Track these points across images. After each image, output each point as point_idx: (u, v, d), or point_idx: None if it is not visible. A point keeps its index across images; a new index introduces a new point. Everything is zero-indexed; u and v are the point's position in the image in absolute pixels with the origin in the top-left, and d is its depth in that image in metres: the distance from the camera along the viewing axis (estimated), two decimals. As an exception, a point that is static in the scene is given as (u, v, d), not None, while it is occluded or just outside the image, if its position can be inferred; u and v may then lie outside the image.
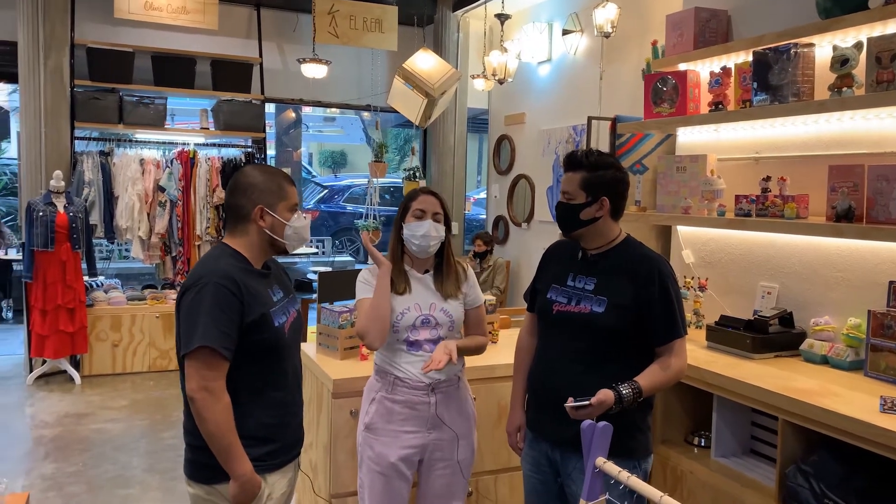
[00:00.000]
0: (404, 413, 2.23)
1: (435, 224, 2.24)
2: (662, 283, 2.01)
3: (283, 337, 1.86)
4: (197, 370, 1.70)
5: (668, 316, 2.01)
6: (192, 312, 1.72)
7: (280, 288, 1.95)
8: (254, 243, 1.87)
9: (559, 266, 2.18)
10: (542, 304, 2.17)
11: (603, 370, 2.00)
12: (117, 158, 6.02)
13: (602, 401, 1.87)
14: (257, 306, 1.79)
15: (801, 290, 2.94)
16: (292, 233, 1.90)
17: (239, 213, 1.87)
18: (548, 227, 6.08)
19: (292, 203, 1.91)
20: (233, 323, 1.73)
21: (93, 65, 5.92)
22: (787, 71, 2.67)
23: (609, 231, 2.09)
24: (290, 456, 1.91)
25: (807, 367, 2.67)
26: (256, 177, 1.87)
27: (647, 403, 2.08)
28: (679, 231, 3.55)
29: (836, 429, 2.13)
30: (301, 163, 12.56)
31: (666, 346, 2.02)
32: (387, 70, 7.04)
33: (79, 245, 5.42)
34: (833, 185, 2.55)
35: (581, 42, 5.65)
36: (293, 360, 1.94)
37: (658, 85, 3.29)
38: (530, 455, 2.18)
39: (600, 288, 2.05)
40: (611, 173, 2.05)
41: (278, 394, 1.87)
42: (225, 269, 1.77)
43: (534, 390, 2.18)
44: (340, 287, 2.85)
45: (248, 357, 1.78)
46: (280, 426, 1.87)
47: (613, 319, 2.00)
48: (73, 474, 3.83)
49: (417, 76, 4.82)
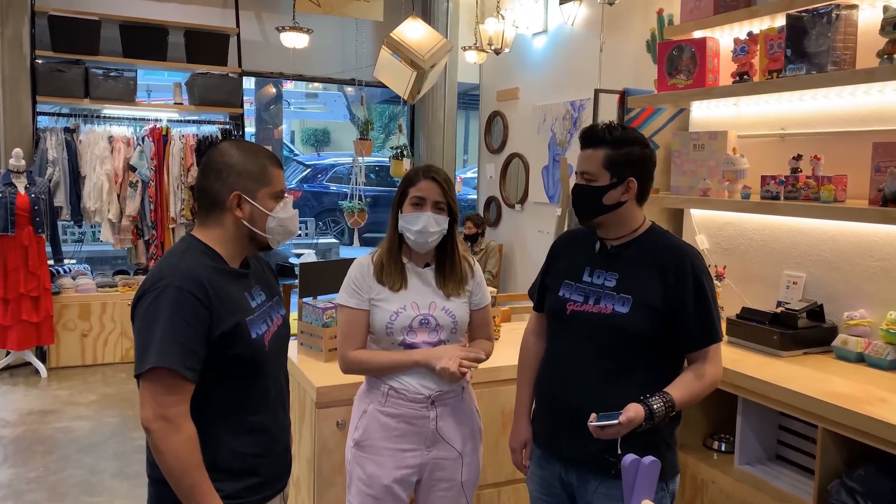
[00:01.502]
0: (400, 428, 1.94)
1: (435, 216, 1.92)
2: (697, 278, 1.73)
3: (261, 350, 1.54)
4: (152, 395, 1.39)
5: (703, 317, 1.74)
6: (148, 324, 1.41)
7: (262, 290, 1.64)
8: (229, 237, 1.55)
9: (573, 259, 1.88)
10: (553, 303, 1.87)
11: (625, 379, 1.73)
12: (83, 135, 5.63)
13: (632, 418, 1.60)
14: (230, 314, 1.47)
15: (831, 281, 2.68)
16: (276, 225, 1.58)
17: (212, 199, 1.54)
18: (543, 209, 5.79)
19: (277, 189, 1.58)
20: (197, 336, 1.42)
21: (56, 34, 5.50)
22: (826, 36, 2.38)
23: (633, 218, 1.81)
24: (273, 490, 1.61)
25: (841, 365, 2.43)
26: (234, 156, 1.54)
27: (675, 417, 1.81)
28: (692, 214, 3.27)
29: (888, 441, 1.88)
30: (282, 141, 12.14)
31: (700, 353, 1.76)
32: (372, 42, 6.68)
33: (42, 228, 5.06)
34: (878, 165, 2.28)
35: (580, 12, 5.31)
36: (276, 376, 1.63)
37: (674, 53, 2.99)
38: (538, 475, 1.90)
39: (624, 284, 1.76)
40: (638, 150, 1.76)
41: (257, 418, 1.55)
42: (189, 269, 1.46)
43: (544, 401, 1.89)
44: (325, 279, 2.53)
45: (218, 376, 1.47)
46: (260, 456, 1.56)
47: (641, 321, 1.72)
48: (34, 480, 3.52)
49: (406, 46, 4.48)
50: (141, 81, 6.54)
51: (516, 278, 6.26)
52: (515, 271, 6.31)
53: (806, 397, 2.11)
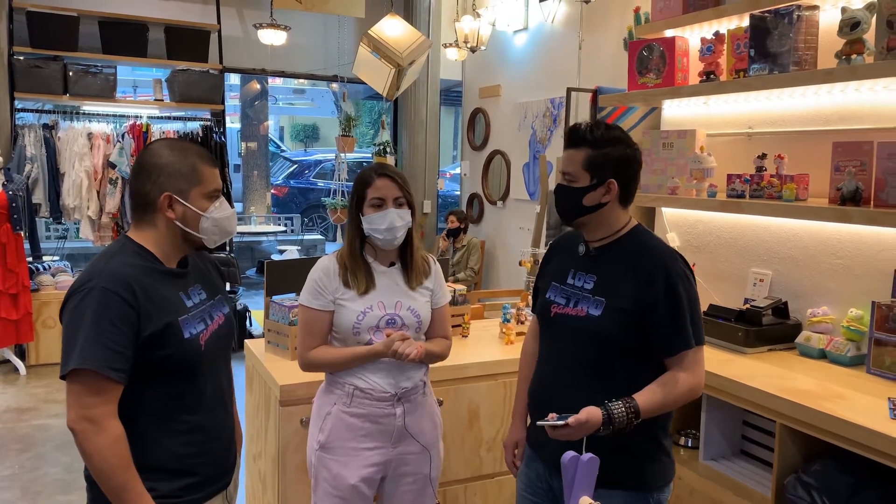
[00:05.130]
0: (366, 428, 1.95)
1: (398, 211, 1.93)
2: (669, 281, 1.66)
3: (196, 351, 1.53)
4: (76, 397, 1.39)
5: (675, 322, 1.66)
6: (73, 326, 1.40)
7: (203, 288, 1.63)
8: (163, 237, 1.55)
9: (561, 261, 1.85)
10: (541, 304, 1.86)
11: (606, 383, 1.68)
12: (62, 132, 5.60)
13: (583, 421, 1.55)
14: (160, 315, 1.47)
15: (796, 278, 2.71)
16: (210, 225, 1.57)
17: (143, 200, 1.53)
18: (524, 206, 5.81)
19: (210, 189, 1.57)
20: (124, 337, 1.41)
21: (34, 30, 5.46)
22: (787, 37, 2.40)
23: (615, 220, 1.76)
24: (213, 488, 1.60)
25: (803, 362, 2.46)
26: (164, 156, 1.53)
27: (661, 424, 1.75)
28: (664, 213, 3.30)
29: (843, 437, 1.92)
30: (268, 136, 12.10)
31: (674, 358, 1.68)
32: (354, 38, 6.66)
33: (20, 226, 5.02)
34: (837, 164, 2.30)
35: (559, 9, 5.33)
36: (215, 375, 1.62)
37: (643, 53, 3.01)
38: (525, 473, 1.89)
39: (599, 287, 1.72)
40: (619, 150, 1.71)
41: (194, 418, 1.55)
42: (116, 269, 1.45)
43: (533, 402, 1.87)
44: (291, 278, 2.54)
45: (150, 376, 1.47)
46: (197, 455, 1.55)
47: (611, 325, 1.68)
48: (8, 478, 3.51)
49: (384, 44, 4.49)
50: (127, 77, 6.51)
51: (498, 274, 6.28)
52: (496, 268, 6.33)
53: (765, 394, 2.13)
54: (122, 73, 5.96)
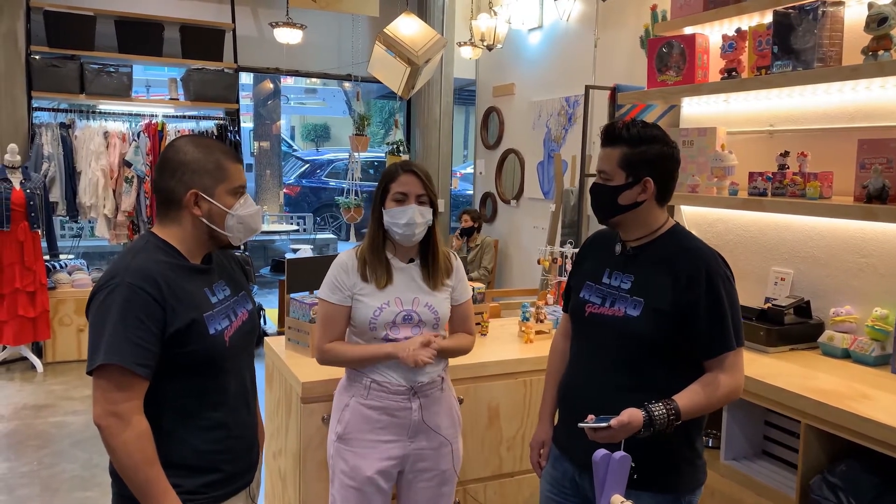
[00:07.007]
0: (383, 420, 1.96)
1: (420, 208, 1.94)
2: (711, 283, 1.63)
3: (221, 347, 1.53)
4: (103, 392, 1.39)
5: (716, 324, 1.63)
6: (99, 322, 1.40)
7: (227, 284, 1.62)
8: (188, 234, 1.54)
9: (596, 260, 1.83)
10: (575, 304, 1.84)
11: (643, 385, 1.66)
12: (79, 131, 5.63)
13: (625, 423, 1.52)
14: (185, 311, 1.46)
15: (818, 277, 2.69)
16: (236, 223, 1.56)
17: (168, 197, 1.53)
18: (538, 205, 5.79)
19: (235, 185, 1.56)
20: (150, 333, 1.41)
21: (51, 29, 5.49)
22: (812, 33, 2.37)
23: (653, 219, 1.73)
24: (235, 486, 1.60)
25: (827, 361, 2.44)
26: (189, 153, 1.52)
27: (695, 426, 1.72)
28: (683, 211, 3.28)
29: (869, 437, 1.90)
30: (280, 136, 12.14)
31: (714, 360, 1.65)
32: (368, 37, 6.66)
33: (38, 224, 5.07)
34: (863, 162, 2.28)
35: (574, 7, 5.30)
36: (239, 372, 1.62)
37: (663, 50, 2.99)
38: (551, 474, 1.87)
39: (637, 287, 1.70)
40: (657, 148, 1.68)
41: (217, 415, 1.55)
42: (143, 265, 1.44)
43: (563, 402, 1.86)
44: (312, 275, 2.53)
45: (175, 373, 1.47)
46: (221, 452, 1.55)
47: (649, 326, 1.65)
48: (27, 475, 3.53)
49: (400, 42, 4.48)
50: (140, 77, 6.54)
51: (511, 274, 6.27)
52: (510, 267, 6.31)
53: (789, 393, 2.11)
54: (135, 73, 5.98)
